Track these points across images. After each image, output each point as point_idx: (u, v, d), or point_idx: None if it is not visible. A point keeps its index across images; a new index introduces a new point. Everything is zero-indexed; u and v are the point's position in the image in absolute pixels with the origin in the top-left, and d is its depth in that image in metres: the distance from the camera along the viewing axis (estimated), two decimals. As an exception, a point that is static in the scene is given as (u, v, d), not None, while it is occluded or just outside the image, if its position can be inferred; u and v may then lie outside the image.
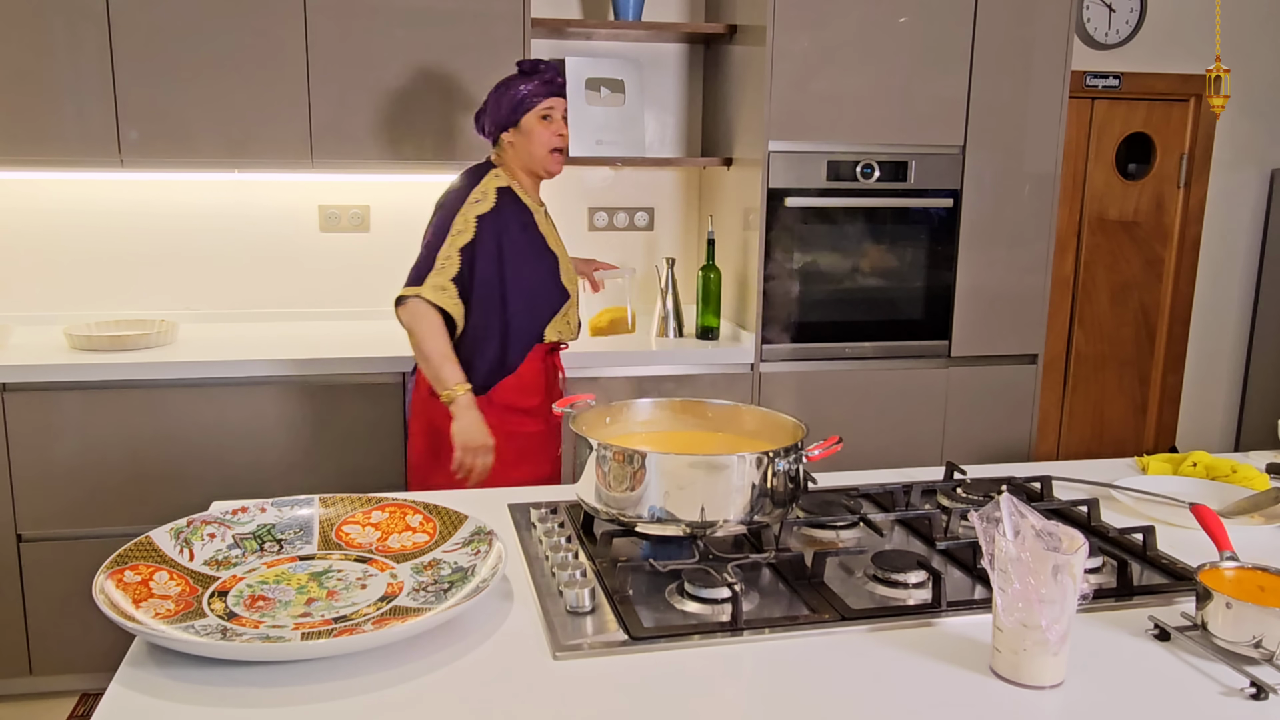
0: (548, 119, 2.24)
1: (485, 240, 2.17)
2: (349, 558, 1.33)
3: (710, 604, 1.21)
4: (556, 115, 2.25)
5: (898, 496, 1.57)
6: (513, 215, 2.23)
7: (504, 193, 2.23)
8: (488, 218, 2.19)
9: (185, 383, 2.60)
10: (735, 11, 3.10)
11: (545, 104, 2.23)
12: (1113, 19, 3.80)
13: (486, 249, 2.17)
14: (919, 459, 3.07)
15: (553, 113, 2.24)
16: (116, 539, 2.58)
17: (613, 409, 1.58)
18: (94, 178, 3.04)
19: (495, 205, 2.20)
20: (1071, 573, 1.01)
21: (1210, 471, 1.77)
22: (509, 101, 2.24)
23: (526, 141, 2.25)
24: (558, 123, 2.26)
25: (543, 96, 2.23)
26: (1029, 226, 3.12)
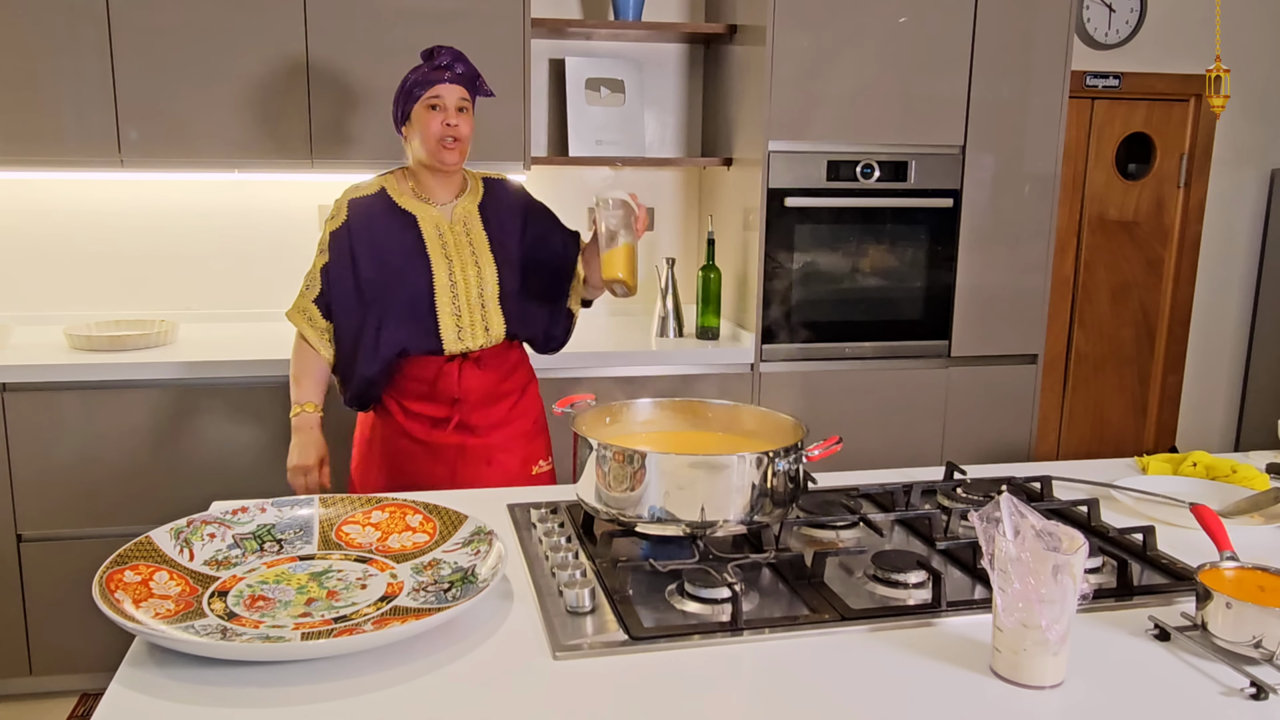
0: (435, 108, 2.05)
1: (337, 258, 2.08)
2: (349, 558, 1.33)
3: (710, 604, 1.21)
4: (447, 104, 2.04)
5: (898, 496, 1.57)
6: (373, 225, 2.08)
7: (360, 204, 2.10)
8: (338, 234, 2.08)
9: (185, 383, 2.60)
10: (735, 11, 3.10)
11: (431, 93, 2.05)
12: (1113, 19, 3.80)
13: (341, 267, 2.07)
14: (919, 459, 3.07)
15: (440, 101, 2.04)
16: (116, 539, 2.58)
17: (613, 409, 1.58)
18: (94, 178, 3.04)
19: (345, 220, 2.09)
20: (1071, 573, 1.01)
21: (1210, 471, 1.77)
22: (399, 93, 2.11)
23: (416, 133, 2.07)
24: (449, 112, 2.05)
25: (427, 85, 2.06)
26: (1029, 226, 3.12)
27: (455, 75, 2.07)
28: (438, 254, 2.09)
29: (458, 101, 2.07)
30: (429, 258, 2.08)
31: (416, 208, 2.13)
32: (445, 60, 2.08)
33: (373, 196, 2.12)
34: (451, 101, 2.06)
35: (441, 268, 2.09)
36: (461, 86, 2.08)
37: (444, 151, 2.06)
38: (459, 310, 2.09)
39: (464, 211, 2.16)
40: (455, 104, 2.06)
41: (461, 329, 2.09)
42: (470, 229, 2.15)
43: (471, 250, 2.13)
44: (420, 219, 2.12)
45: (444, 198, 2.15)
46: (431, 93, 2.05)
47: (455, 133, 2.06)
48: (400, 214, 2.11)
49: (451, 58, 2.09)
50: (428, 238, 2.10)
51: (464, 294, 2.10)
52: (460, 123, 2.06)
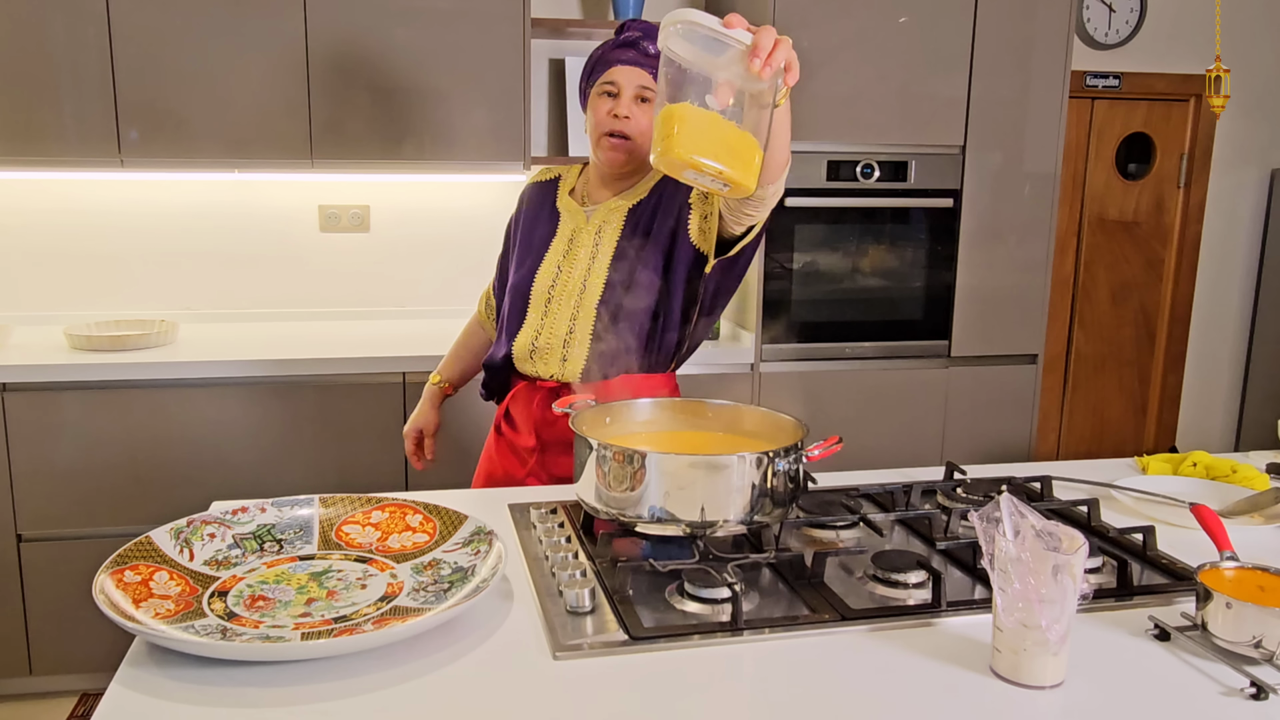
0: (612, 95, 1.71)
1: (506, 249, 1.95)
2: (349, 558, 1.33)
3: (710, 604, 1.21)
4: (624, 91, 1.69)
5: (898, 496, 1.57)
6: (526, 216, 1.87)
7: (532, 190, 1.89)
8: (510, 224, 1.94)
9: (185, 383, 2.60)
10: (735, 12, 3.09)
11: (606, 76, 1.71)
12: (1113, 19, 3.80)
13: (503, 256, 1.96)
14: (919, 459, 3.08)
15: (614, 87, 1.70)
16: (116, 539, 2.58)
17: (613, 409, 1.58)
18: (94, 178, 3.04)
19: (517, 208, 1.92)
20: (1071, 573, 1.01)
21: (1210, 471, 1.77)
22: (585, 72, 1.78)
23: (588, 123, 1.77)
24: (621, 100, 1.69)
25: (605, 65, 1.72)
26: (1029, 226, 3.12)
27: (639, 56, 1.70)
28: (553, 260, 1.78)
29: (636, 89, 1.70)
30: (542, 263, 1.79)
31: (568, 206, 1.83)
32: (632, 35, 1.71)
33: (544, 185, 1.88)
34: (629, 88, 1.69)
35: (547, 275, 1.78)
36: (644, 70, 1.70)
37: (608, 149, 1.72)
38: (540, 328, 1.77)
39: (605, 215, 1.77)
40: (633, 91, 1.70)
41: (536, 349, 1.77)
42: (603, 236, 1.76)
43: (589, 265, 1.75)
44: (562, 220, 1.81)
45: (601, 196, 1.81)
46: (607, 76, 1.71)
47: (624, 127, 1.69)
48: (551, 210, 1.84)
49: (640, 32, 1.71)
50: (556, 241, 1.80)
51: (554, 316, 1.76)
52: (635, 115, 1.69)
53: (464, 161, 2.90)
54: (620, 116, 1.69)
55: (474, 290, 3.32)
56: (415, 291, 3.30)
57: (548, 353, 1.77)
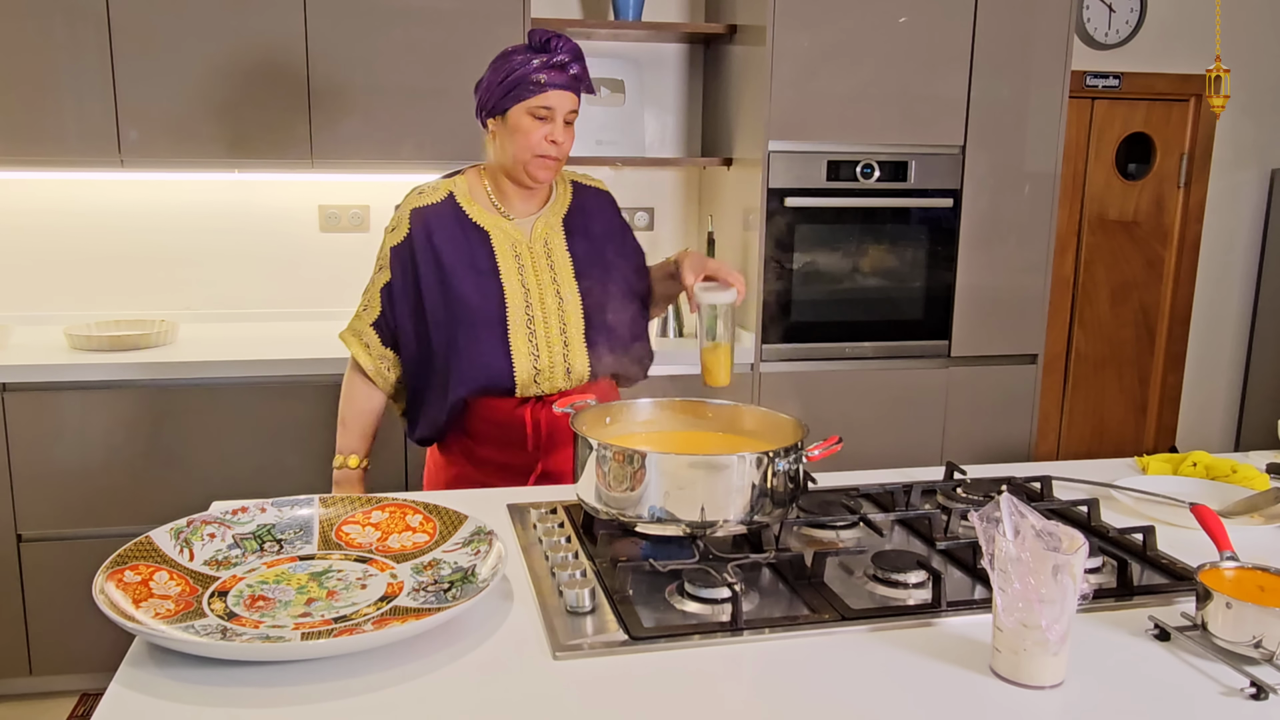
0: (544, 119, 1.73)
1: (401, 279, 1.80)
2: (349, 558, 1.33)
3: (710, 604, 1.21)
4: (558, 115, 1.73)
5: (898, 496, 1.57)
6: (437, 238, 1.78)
7: (425, 214, 1.79)
8: (401, 250, 1.80)
9: (185, 383, 2.60)
10: (735, 11, 3.10)
11: (541, 99, 1.71)
12: (1113, 19, 3.80)
13: (404, 290, 1.80)
14: (919, 459, 3.07)
15: (552, 112, 1.72)
16: (116, 539, 2.58)
17: (613, 409, 1.58)
18: (94, 178, 3.04)
19: (407, 235, 1.79)
20: (1071, 573, 1.01)
21: (1210, 471, 1.77)
22: (502, 80, 1.73)
23: (509, 138, 1.75)
24: (556, 126, 1.73)
25: (538, 89, 1.71)
26: (1029, 226, 3.12)
27: (570, 80, 1.73)
28: (513, 280, 1.78)
29: (567, 113, 1.75)
30: (502, 285, 1.77)
31: (489, 221, 1.81)
32: (564, 57, 1.73)
33: (439, 205, 1.81)
34: (562, 112, 1.74)
35: (517, 296, 1.78)
36: (575, 95, 1.76)
37: (541, 168, 1.76)
38: (536, 349, 1.78)
39: (546, 227, 1.83)
40: (565, 116, 1.75)
41: (539, 371, 1.78)
42: (552, 248, 1.82)
43: (553, 274, 1.80)
44: (493, 236, 1.80)
45: (524, 209, 1.84)
46: (542, 99, 1.72)
47: (559, 151, 1.75)
48: (471, 229, 1.80)
49: (570, 55, 1.74)
50: (501, 260, 1.79)
51: (542, 329, 1.78)
52: (565, 139, 1.75)
53: (464, 161, 2.89)
54: (556, 141, 1.74)
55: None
56: (415, 291, 3.30)
57: (552, 371, 1.80)
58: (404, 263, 1.80)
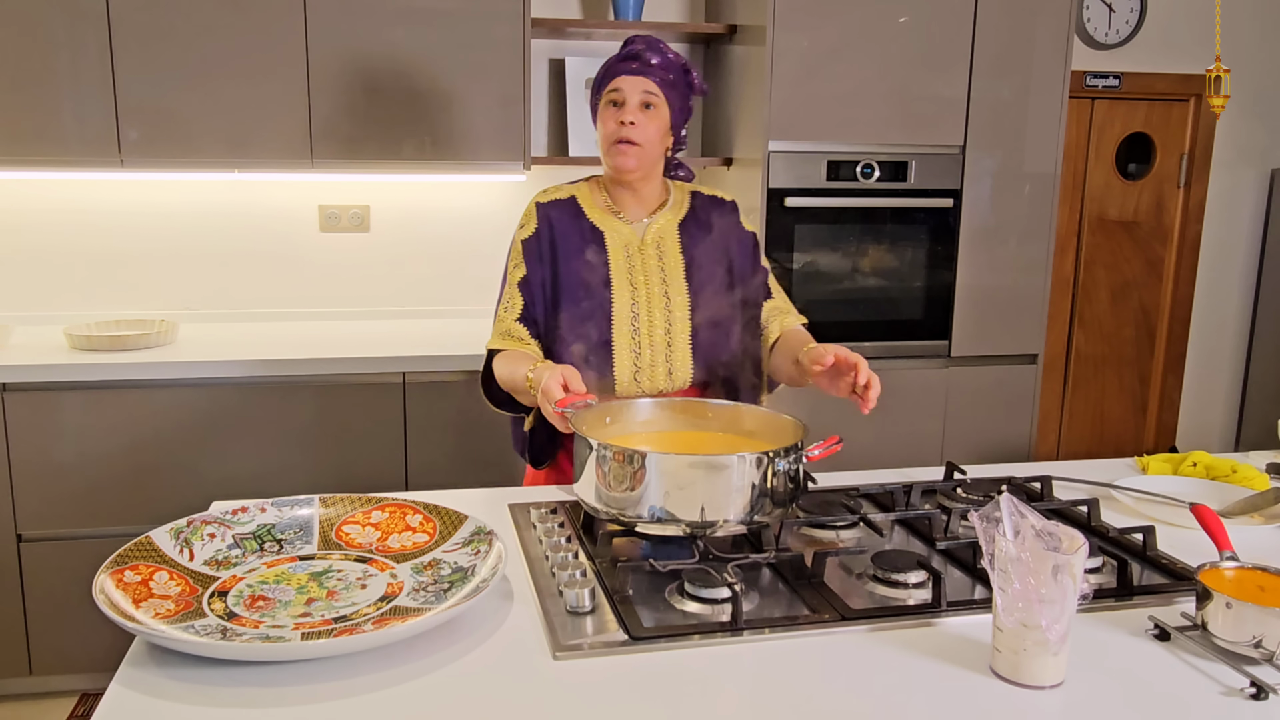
0: (618, 105, 1.76)
1: (533, 270, 1.81)
2: (349, 558, 1.33)
3: (710, 604, 1.21)
4: (629, 99, 1.75)
5: (898, 496, 1.57)
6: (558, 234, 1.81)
7: (549, 210, 1.83)
8: (531, 242, 1.82)
9: (185, 383, 2.60)
10: (735, 11, 3.10)
11: (611, 85, 1.77)
12: (1113, 19, 3.80)
13: (537, 281, 1.81)
14: (919, 459, 3.07)
15: (623, 95, 1.75)
16: (116, 539, 2.58)
17: (612, 408, 1.58)
18: (94, 178, 3.04)
19: (535, 229, 1.82)
20: (1071, 573, 1.01)
21: (1210, 471, 1.77)
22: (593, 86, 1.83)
23: (599, 132, 1.81)
24: (627, 107, 1.75)
25: (609, 76, 1.78)
26: (1029, 226, 3.12)
27: (642, 66, 1.76)
28: (622, 281, 1.80)
29: (642, 96, 1.76)
30: (610, 282, 1.80)
31: (606, 223, 1.84)
32: (636, 47, 1.78)
33: (563, 203, 1.85)
34: (634, 97, 1.75)
35: (624, 298, 1.79)
36: (648, 78, 1.76)
37: (618, 154, 1.76)
38: (639, 348, 1.79)
39: (659, 231, 1.85)
40: (639, 100, 1.75)
41: (640, 369, 1.79)
42: (664, 252, 1.84)
43: (662, 278, 1.82)
44: (608, 236, 1.82)
45: (638, 213, 1.85)
46: (612, 85, 1.77)
47: (629, 133, 1.74)
48: (588, 228, 1.83)
49: (644, 45, 1.78)
50: (613, 260, 1.81)
51: (647, 330, 1.80)
52: (641, 121, 1.75)
53: (464, 161, 2.90)
54: (626, 123, 1.74)
55: (474, 290, 3.32)
56: (415, 291, 3.30)
57: (653, 370, 1.79)
58: (536, 255, 1.81)
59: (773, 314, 1.91)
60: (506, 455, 2.75)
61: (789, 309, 1.94)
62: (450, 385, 2.71)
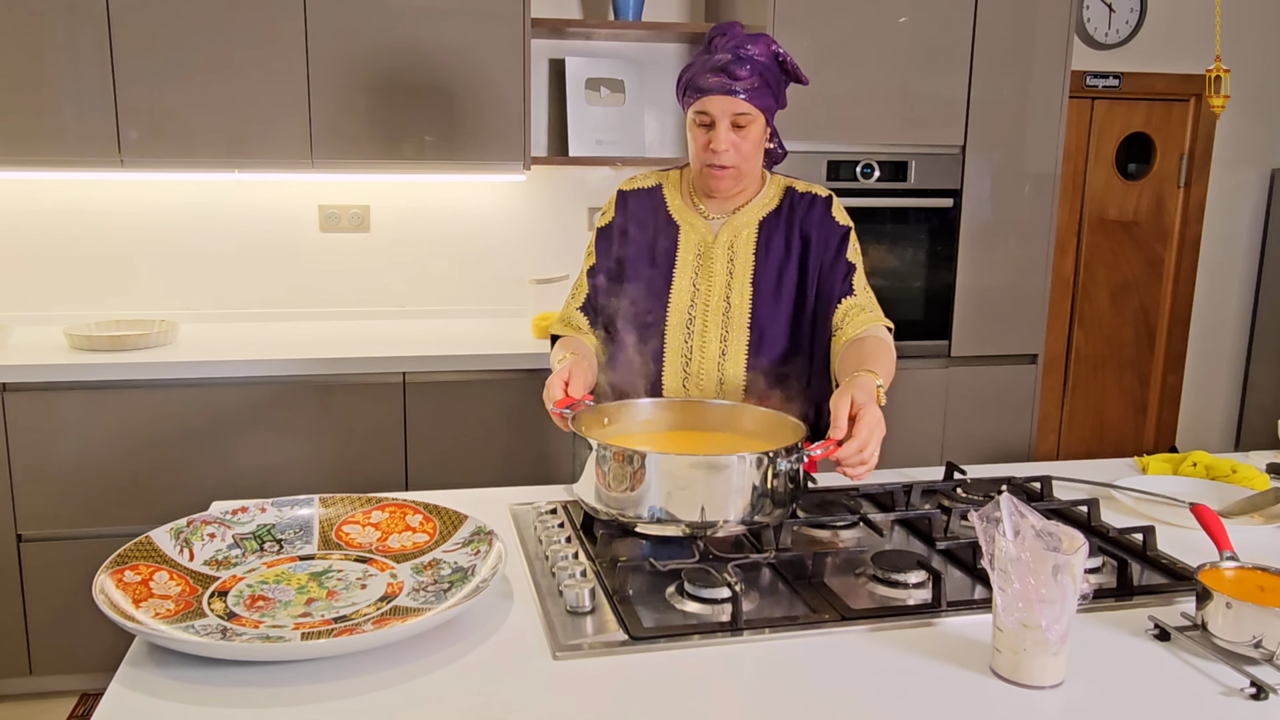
0: (706, 125, 1.64)
1: (602, 260, 1.77)
2: (349, 558, 1.33)
3: (710, 604, 1.21)
4: (718, 121, 1.61)
5: (898, 496, 1.57)
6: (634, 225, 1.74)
7: (630, 198, 1.77)
8: (607, 232, 1.77)
9: (185, 383, 2.60)
10: (735, 11, 3.10)
11: (700, 104, 1.62)
12: (1113, 19, 3.80)
13: (604, 271, 1.76)
14: (919, 459, 3.07)
15: (710, 117, 1.62)
16: (116, 539, 2.58)
17: (612, 409, 1.58)
18: (94, 178, 3.04)
19: (612, 219, 1.77)
20: (1071, 573, 1.01)
21: (1210, 471, 1.77)
22: (681, 80, 1.67)
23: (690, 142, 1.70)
24: (717, 133, 1.62)
25: (697, 93, 1.62)
26: (1029, 226, 3.12)
27: (729, 82, 1.59)
28: (684, 280, 1.72)
29: (730, 118, 1.61)
30: (672, 282, 1.71)
31: (685, 216, 1.75)
32: (723, 57, 1.60)
33: (646, 191, 1.78)
34: (724, 120, 1.61)
35: (683, 296, 1.71)
36: (736, 98, 1.60)
37: (710, 179, 1.67)
38: (690, 354, 1.71)
39: (736, 229, 1.73)
40: (728, 121, 1.62)
41: (689, 375, 1.71)
42: (736, 251, 1.72)
43: (728, 280, 1.71)
44: (683, 231, 1.74)
45: (722, 208, 1.75)
46: (700, 105, 1.63)
47: (721, 159, 1.63)
48: (665, 221, 1.75)
49: (731, 57, 1.59)
50: (683, 256, 1.73)
51: (700, 332, 1.70)
52: (733, 145, 1.62)
53: (464, 161, 2.90)
54: (718, 151, 1.62)
55: (474, 290, 3.32)
56: (415, 291, 3.30)
57: (701, 377, 1.71)
58: (608, 244, 1.78)
59: (850, 312, 1.72)
60: (506, 455, 2.75)
61: (871, 306, 1.76)
62: (450, 385, 2.71)
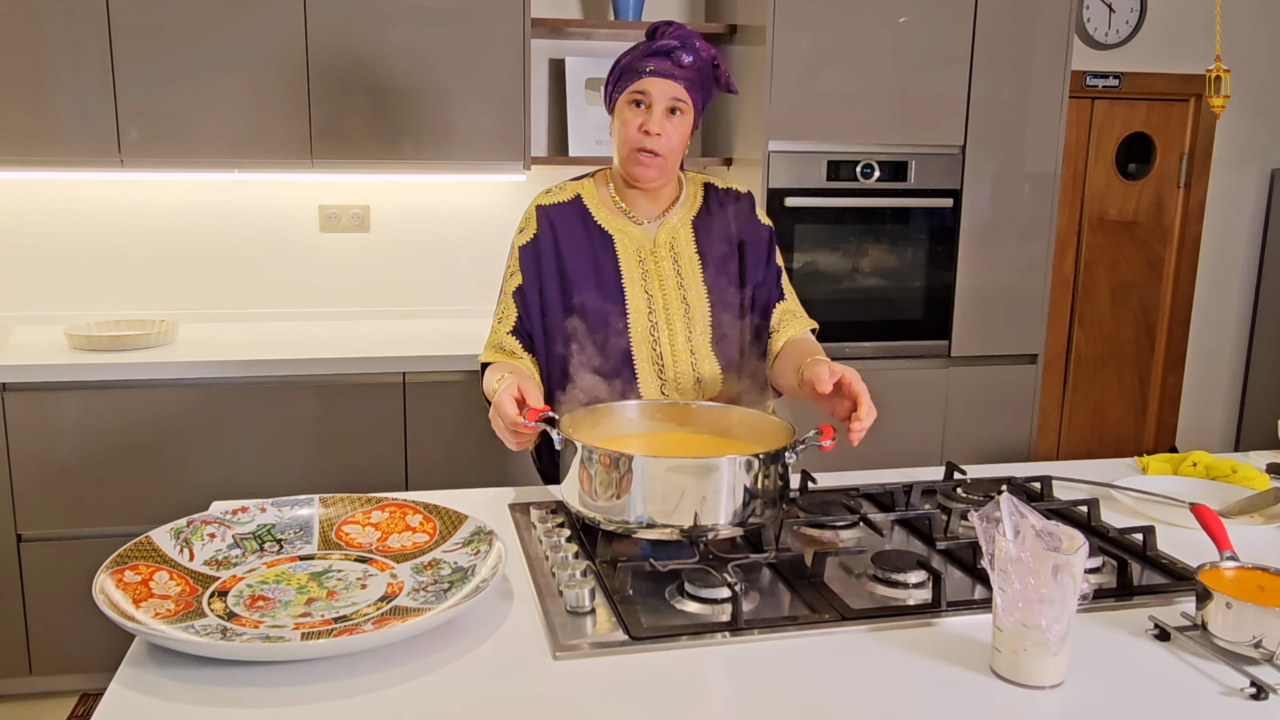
0: (642, 105, 1.63)
1: (529, 279, 1.71)
2: (349, 558, 1.33)
3: (710, 604, 1.21)
4: (655, 104, 1.62)
5: (898, 496, 1.57)
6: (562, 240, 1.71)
7: (551, 213, 1.73)
8: (528, 250, 1.72)
9: (185, 383, 2.60)
10: (735, 11, 3.10)
11: (639, 83, 1.62)
12: (1113, 19, 3.80)
13: (533, 289, 1.71)
14: (919, 459, 3.07)
15: (645, 97, 1.62)
16: (116, 539, 2.58)
17: (597, 411, 1.57)
18: (94, 178, 3.04)
19: (535, 234, 1.72)
20: (1071, 573, 1.01)
21: (1210, 471, 1.77)
22: (613, 73, 1.68)
23: (614, 132, 1.69)
24: (653, 115, 1.62)
25: (634, 74, 1.62)
26: (1029, 226, 3.12)
27: (672, 66, 1.61)
28: (635, 289, 1.71)
29: (669, 101, 1.63)
30: (624, 293, 1.70)
31: (615, 225, 1.73)
32: (667, 44, 1.62)
33: (567, 205, 1.74)
34: (660, 103, 1.62)
35: (639, 307, 1.70)
36: (677, 82, 1.62)
37: (637, 164, 1.66)
38: (661, 360, 1.70)
39: (672, 231, 1.75)
40: (665, 104, 1.63)
41: (665, 381, 1.71)
42: (678, 253, 1.74)
43: (679, 281, 1.72)
44: (618, 241, 1.73)
45: (649, 212, 1.75)
46: (637, 85, 1.62)
47: (654, 144, 1.63)
48: (596, 233, 1.73)
49: (678, 42, 1.62)
50: (625, 267, 1.71)
51: (666, 338, 1.70)
52: (666, 131, 1.63)
53: (464, 161, 2.90)
54: (652, 133, 1.62)
55: (474, 290, 3.32)
56: (415, 291, 3.30)
57: (678, 380, 1.71)
58: (533, 262, 1.72)
59: (784, 318, 1.79)
60: (506, 455, 2.75)
61: (800, 312, 1.84)
62: (450, 385, 2.71)
